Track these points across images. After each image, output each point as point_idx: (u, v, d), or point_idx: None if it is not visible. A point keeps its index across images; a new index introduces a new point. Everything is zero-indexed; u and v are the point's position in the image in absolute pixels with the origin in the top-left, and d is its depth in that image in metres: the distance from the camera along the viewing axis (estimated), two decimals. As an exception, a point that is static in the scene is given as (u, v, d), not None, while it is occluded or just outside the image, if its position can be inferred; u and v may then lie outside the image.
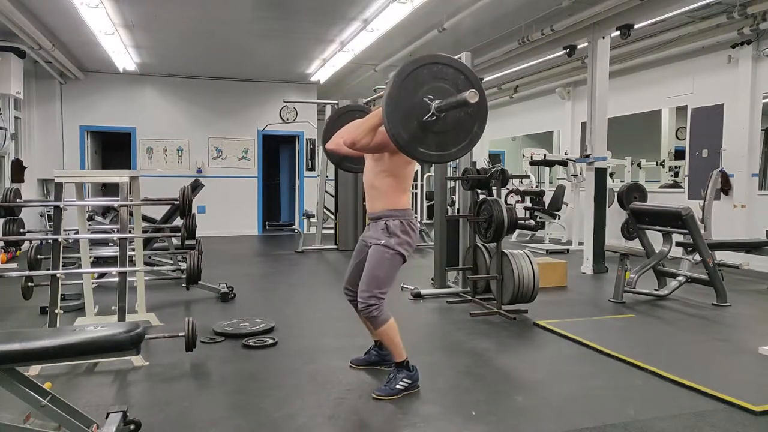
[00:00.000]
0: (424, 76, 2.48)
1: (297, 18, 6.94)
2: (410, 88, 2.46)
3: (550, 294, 5.42)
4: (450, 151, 2.54)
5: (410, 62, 2.53)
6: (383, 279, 2.93)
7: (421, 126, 2.47)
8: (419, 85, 2.47)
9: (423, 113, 2.47)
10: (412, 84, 2.46)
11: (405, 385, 2.92)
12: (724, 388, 2.94)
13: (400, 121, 2.45)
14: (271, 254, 8.55)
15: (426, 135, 2.47)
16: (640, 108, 8.96)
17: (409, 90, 2.46)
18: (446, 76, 2.51)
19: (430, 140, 2.49)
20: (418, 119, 2.46)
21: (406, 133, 2.46)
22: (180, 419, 2.65)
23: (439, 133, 2.47)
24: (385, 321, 2.93)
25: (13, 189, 3.64)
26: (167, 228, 5.66)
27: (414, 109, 2.47)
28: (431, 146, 2.50)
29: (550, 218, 9.28)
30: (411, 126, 2.47)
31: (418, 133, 2.47)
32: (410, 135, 2.47)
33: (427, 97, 2.48)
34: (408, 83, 2.46)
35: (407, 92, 2.45)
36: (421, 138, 2.48)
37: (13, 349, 1.84)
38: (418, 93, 2.47)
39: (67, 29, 7.37)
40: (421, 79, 2.48)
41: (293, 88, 11.09)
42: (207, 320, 4.26)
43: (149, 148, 10.59)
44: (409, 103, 2.46)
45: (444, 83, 2.49)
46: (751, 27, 6.61)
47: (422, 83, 2.47)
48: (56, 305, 3.41)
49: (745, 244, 5.90)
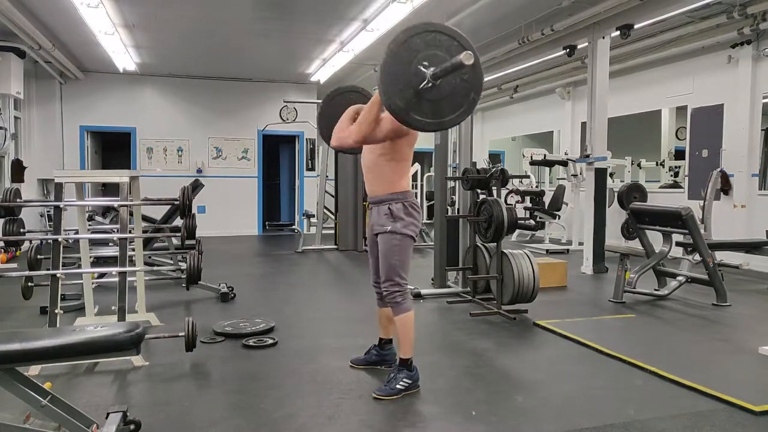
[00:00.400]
0: (417, 44, 2.47)
1: (297, 18, 6.94)
2: (405, 57, 2.45)
3: (550, 294, 5.42)
4: (447, 118, 2.52)
5: (403, 31, 2.51)
6: (399, 264, 2.95)
7: (417, 94, 2.46)
8: (413, 53, 2.46)
9: (418, 81, 2.46)
10: (406, 53, 2.46)
11: (405, 385, 2.92)
12: (724, 388, 2.94)
13: (397, 91, 2.45)
14: (271, 254, 8.55)
15: (422, 103, 2.46)
16: (640, 108, 8.96)
17: (404, 59, 2.45)
18: (440, 43, 2.49)
19: (426, 108, 2.47)
20: (414, 87, 2.45)
21: (401, 101, 2.45)
22: (180, 419, 2.65)
23: (435, 101, 2.45)
24: (407, 309, 2.96)
25: (13, 189, 3.64)
26: (167, 228, 5.66)
27: (409, 77, 2.46)
28: (428, 114, 2.48)
29: (550, 218, 9.28)
30: (407, 94, 2.45)
31: (414, 100, 2.46)
32: (406, 103, 2.46)
33: (422, 64, 2.46)
34: (402, 52, 2.45)
35: (402, 61, 2.45)
36: (417, 106, 2.47)
37: (13, 349, 1.84)
38: (413, 61, 2.45)
39: (67, 29, 7.37)
40: (415, 47, 2.46)
41: (293, 88, 11.09)
42: (207, 320, 4.26)
43: (149, 148, 10.59)
44: (404, 71, 2.45)
45: (438, 50, 2.47)
46: (751, 27, 6.61)
47: (416, 51, 2.46)
48: (56, 305, 3.41)
49: (745, 244, 5.90)
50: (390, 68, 2.45)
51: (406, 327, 2.96)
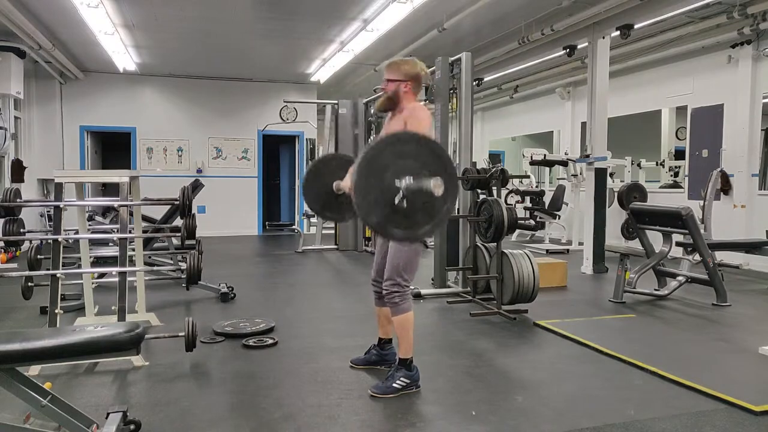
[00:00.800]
0: (387, 157, 2.40)
1: (297, 18, 6.94)
2: (376, 173, 2.37)
3: (550, 294, 5.42)
4: (419, 230, 2.47)
5: (371, 146, 2.46)
6: (403, 266, 2.93)
7: (391, 208, 2.39)
8: (384, 168, 2.38)
9: (391, 196, 2.39)
10: (376, 168, 2.38)
11: (403, 384, 2.92)
12: (724, 388, 2.94)
13: (369, 206, 2.39)
14: (271, 254, 8.55)
15: (396, 215, 2.39)
16: (640, 108, 8.96)
17: (375, 174, 2.37)
18: (410, 154, 2.41)
19: (399, 220, 2.41)
20: (387, 202, 2.39)
21: (376, 216, 2.40)
22: (180, 419, 2.65)
23: (408, 214, 2.39)
24: (406, 310, 2.94)
25: (13, 189, 3.64)
26: (167, 228, 5.65)
27: (382, 193, 2.39)
28: (401, 225, 2.43)
29: (550, 218, 9.28)
30: (380, 210, 2.40)
31: (388, 214, 2.40)
32: (380, 218, 2.41)
33: (395, 179, 2.39)
34: (372, 168, 2.38)
35: (374, 176, 2.37)
36: (392, 218, 2.41)
37: (13, 349, 1.85)
38: (385, 176, 2.38)
39: (67, 29, 7.37)
40: (385, 161, 2.39)
41: (293, 88, 11.09)
42: (207, 320, 4.26)
43: (149, 148, 10.59)
44: (376, 188, 2.38)
45: (409, 160, 2.39)
46: (751, 27, 6.61)
47: (387, 165, 2.38)
48: (56, 305, 3.40)
49: (745, 244, 5.90)
50: (362, 184, 2.37)
51: (404, 328, 2.96)
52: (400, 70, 2.98)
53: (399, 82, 2.96)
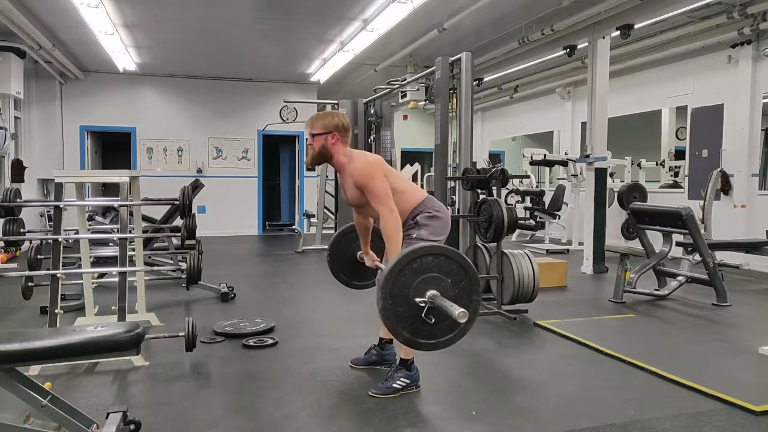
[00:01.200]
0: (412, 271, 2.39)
1: (297, 18, 6.94)
2: (401, 288, 2.38)
3: (550, 294, 5.42)
4: (441, 339, 2.48)
5: (407, 252, 2.43)
6: None
7: (414, 316, 2.41)
8: (409, 281, 2.39)
9: (416, 311, 2.40)
10: (403, 281, 2.39)
11: (402, 384, 2.92)
12: (724, 388, 2.94)
13: (398, 320, 2.41)
14: (271, 254, 8.56)
15: (416, 323, 2.42)
16: (640, 108, 8.96)
17: (401, 289, 2.38)
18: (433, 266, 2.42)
19: (418, 327, 2.43)
20: (412, 310, 2.40)
21: (406, 331, 2.42)
22: (180, 419, 2.65)
23: (432, 325, 2.42)
24: None
25: (13, 189, 3.64)
26: (167, 228, 5.65)
27: (409, 308, 2.40)
28: (425, 335, 2.45)
29: (550, 218, 9.28)
30: (408, 324, 2.42)
31: (417, 327, 2.43)
32: (409, 331, 2.43)
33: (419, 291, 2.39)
34: (404, 274, 2.38)
35: (400, 292, 2.38)
36: (419, 330, 2.44)
37: (13, 349, 1.84)
38: (410, 290, 2.39)
39: (67, 29, 7.37)
40: (418, 270, 2.40)
41: (293, 88, 11.08)
42: (207, 320, 4.26)
43: (149, 148, 10.59)
44: (403, 302, 2.39)
45: (435, 272, 2.41)
46: (751, 27, 6.61)
47: (413, 278, 2.39)
48: (56, 305, 3.41)
49: (745, 244, 5.89)
50: (390, 310, 2.38)
51: None
52: (321, 123, 2.90)
53: (324, 135, 2.89)
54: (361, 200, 2.90)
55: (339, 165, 2.95)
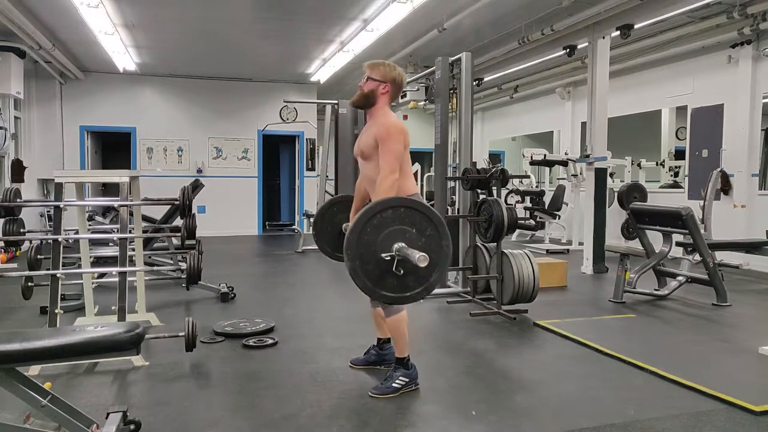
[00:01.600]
0: (380, 221, 2.46)
1: (297, 18, 6.94)
2: (368, 237, 2.45)
3: (550, 294, 5.42)
4: (407, 293, 2.54)
5: (364, 211, 2.49)
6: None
7: (381, 268, 2.48)
8: (376, 232, 2.46)
9: (382, 260, 2.47)
10: (369, 232, 2.45)
11: (402, 383, 2.92)
12: (724, 388, 2.94)
13: (362, 269, 2.46)
14: (271, 254, 8.56)
15: (386, 278, 2.48)
16: (640, 108, 8.96)
17: (368, 239, 2.45)
18: (402, 218, 2.48)
19: (390, 282, 2.49)
20: (378, 262, 2.46)
21: (369, 280, 2.47)
22: (180, 419, 2.65)
23: (399, 277, 2.48)
24: (398, 310, 2.94)
25: (13, 189, 3.64)
26: (167, 228, 5.65)
27: (376, 254, 2.46)
28: (390, 288, 2.51)
29: (550, 218, 9.27)
30: (370, 267, 2.47)
31: (379, 277, 2.49)
32: (373, 281, 2.49)
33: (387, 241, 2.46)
34: (365, 232, 2.45)
35: (365, 242, 2.44)
36: (382, 281, 2.49)
37: (13, 349, 1.84)
38: (377, 241, 2.45)
39: (67, 29, 7.37)
40: (377, 226, 2.46)
41: (293, 88, 11.09)
42: (207, 320, 4.26)
43: (149, 148, 10.59)
44: (370, 249, 2.45)
45: (407, 226, 2.47)
46: (751, 27, 6.61)
47: (382, 227, 2.46)
48: (56, 305, 3.41)
49: (745, 244, 5.89)
50: (354, 248, 2.44)
51: (398, 328, 2.95)
52: (382, 71, 2.97)
53: (378, 83, 2.96)
54: (370, 152, 2.93)
55: (374, 112, 3.00)
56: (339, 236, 3.38)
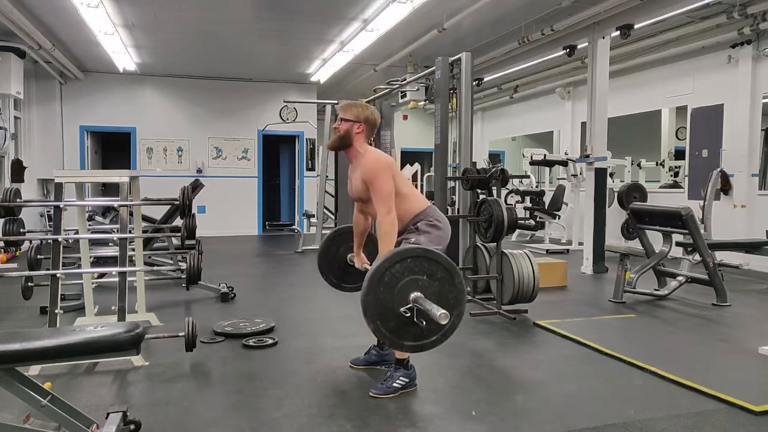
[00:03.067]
0: (397, 272, 2.45)
1: (297, 18, 6.94)
2: (385, 287, 2.44)
3: (550, 294, 5.42)
4: (429, 340, 2.52)
5: (375, 269, 2.47)
6: None
7: (400, 321, 2.46)
8: (393, 280, 2.44)
9: (399, 312, 2.45)
10: (387, 283, 2.44)
11: (402, 383, 2.93)
12: (724, 388, 2.94)
13: (380, 319, 2.45)
14: (271, 254, 8.55)
15: (404, 327, 2.47)
16: (640, 108, 8.96)
17: (385, 288, 2.44)
18: (419, 269, 2.47)
19: (410, 332, 2.48)
20: (397, 316, 2.45)
21: (386, 329, 2.46)
22: (180, 419, 2.65)
23: (418, 326, 2.47)
24: None
25: (13, 189, 3.64)
26: (167, 228, 5.65)
27: (393, 307, 2.45)
28: (411, 338, 2.50)
29: (550, 218, 9.27)
30: (391, 323, 2.46)
31: (397, 329, 2.48)
32: (391, 331, 2.48)
33: (404, 293, 2.44)
34: (381, 291, 2.43)
35: (383, 291, 2.43)
36: (402, 332, 2.48)
37: (13, 349, 1.84)
38: (394, 290, 2.44)
39: (67, 29, 7.37)
40: (395, 276, 2.45)
41: (293, 88, 11.09)
42: (207, 320, 4.26)
43: (149, 148, 10.59)
44: (386, 302, 2.44)
45: (420, 275, 2.46)
46: (751, 27, 6.61)
47: (397, 279, 2.44)
48: (56, 305, 3.40)
49: (745, 244, 5.90)
50: (374, 304, 2.43)
51: None
52: (354, 111, 3.00)
53: (352, 123, 2.98)
54: (364, 195, 2.97)
55: (353, 154, 3.04)
56: (343, 266, 3.43)
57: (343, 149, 3.08)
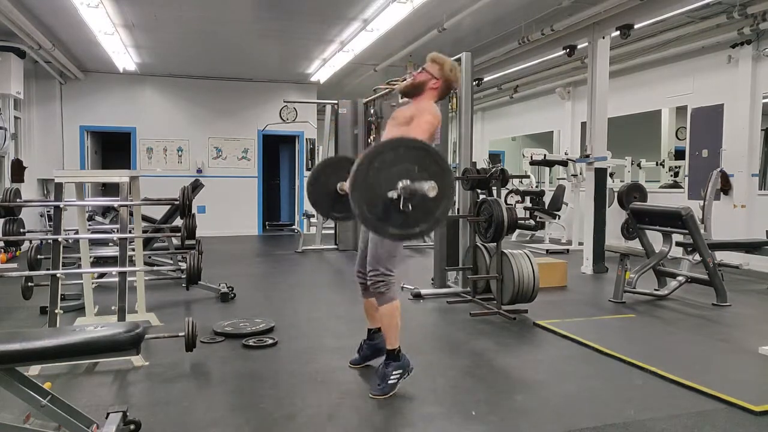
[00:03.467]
0: (388, 159, 2.48)
1: (297, 18, 6.94)
2: (375, 173, 2.47)
3: (550, 294, 5.42)
4: (415, 229, 2.55)
5: (373, 148, 2.53)
6: (386, 256, 2.94)
7: (386, 208, 2.49)
8: (384, 169, 2.47)
9: (388, 198, 2.48)
10: (376, 168, 2.47)
11: (397, 376, 2.93)
12: (724, 388, 2.94)
13: (367, 204, 2.47)
14: (271, 254, 8.55)
15: (391, 215, 2.49)
16: (640, 108, 8.96)
17: (375, 175, 2.46)
18: (410, 158, 2.50)
19: (395, 219, 2.50)
20: (384, 201, 2.48)
21: (372, 215, 2.48)
22: (180, 419, 2.65)
23: (404, 213, 2.48)
24: (391, 299, 2.95)
25: (13, 189, 3.64)
26: (167, 228, 5.65)
27: (380, 192, 2.48)
28: (397, 224, 2.52)
29: (550, 218, 9.28)
30: (377, 209, 2.49)
31: (384, 215, 2.50)
32: (377, 217, 2.49)
33: (394, 180, 2.47)
34: (372, 168, 2.47)
35: (372, 175, 2.46)
36: (387, 218, 2.50)
37: (13, 349, 1.84)
38: (384, 177, 2.46)
39: (67, 29, 7.37)
40: (385, 163, 2.48)
41: (293, 88, 11.09)
42: (207, 320, 4.26)
43: (149, 148, 10.59)
44: (375, 185, 2.47)
45: (409, 164, 2.48)
46: (751, 27, 6.61)
47: (387, 167, 2.47)
48: (56, 305, 3.40)
49: (745, 244, 5.90)
50: (361, 184, 2.45)
51: (391, 317, 2.95)
52: (438, 68, 3.03)
53: (431, 78, 3.01)
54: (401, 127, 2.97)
55: (418, 101, 3.05)
56: (334, 195, 3.40)
57: (410, 96, 3.08)
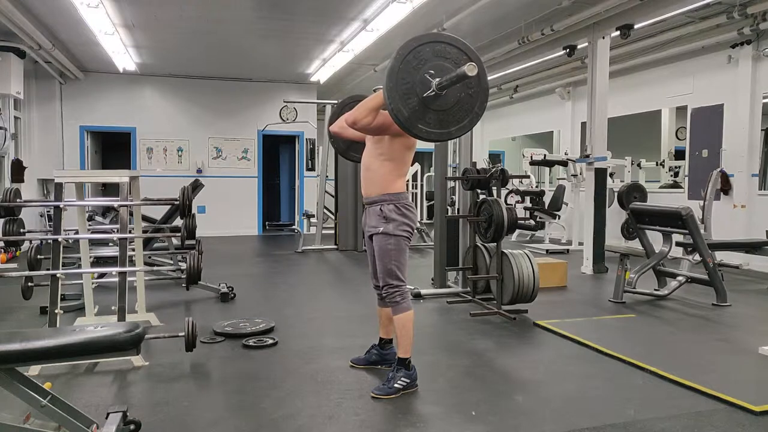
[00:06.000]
0: (426, 53, 2.47)
1: (297, 18, 6.94)
2: (412, 65, 2.45)
3: (550, 294, 5.42)
4: (450, 129, 2.51)
5: (413, 39, 2.51)
6: (396, 267, 2.97)
7: (422, 102, 2.45)
8: (421, 62, 2.45)
9: (423, 89, 2.45)
10: (414, 60, 2.45)
11: (403, 384, 2.93)
12: (724, 388, 2.94)
13: (401, 97, 2.44)
14: (271, 254, 8.55)
15: (426, 112, 2.45)
16: (640, 108, 8.96)
17: (411, 66, 2.44)
18: (448, 55, 2.48)
19: (430, 117, 2.46)
20: (419, 95, 2.44)
21: (406, 109, 2.45)
22: (180, 419, 2.65)
23: (439, 111, 2.45)
24: (406, 309, 2.97)
25: (13, 189, 3.64)
26: (167, 228, 5.65)
27: (415, 85, 2.45)
28: (431, 123, 2.48)
29: (550, 218, 9.27)
30: (411, 102, 2.45)
31: (419, 109, 2.45)
32: (410, 111, 2.45)
33: (428, 73, 2.45)
34: (410, 59, 2.45)
35: (409, 68, 2.44)
36: (422, 114, 2.46)
37: (13, 349, 1.84)
38: (420, 70, 2.44)
39: (67, 29, 7.37)
40: (423, 56, 2.46)
41: (293, 88, 11.08)
42: (207, 320, 4.26)
43: (149, 148, 10.59)
44: (410, 78, 2.44)
45: (446, 62, 2.46)
46: (751, 27, 6.62)
47: (424, 60, 2.46)
48: (56, 305, 3.41)
49: (745, 244, 5.90)
50: (396, 74, 2.43)
51: (405, 326, 2.97)
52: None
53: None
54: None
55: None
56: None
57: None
